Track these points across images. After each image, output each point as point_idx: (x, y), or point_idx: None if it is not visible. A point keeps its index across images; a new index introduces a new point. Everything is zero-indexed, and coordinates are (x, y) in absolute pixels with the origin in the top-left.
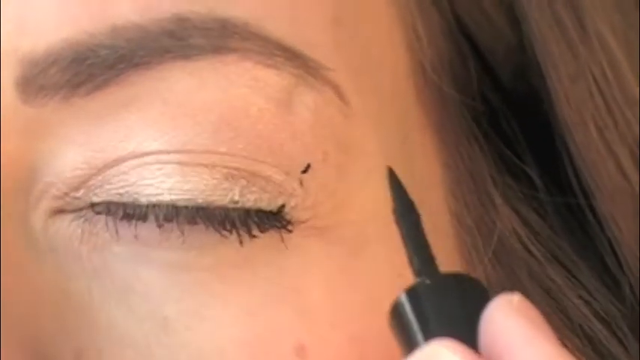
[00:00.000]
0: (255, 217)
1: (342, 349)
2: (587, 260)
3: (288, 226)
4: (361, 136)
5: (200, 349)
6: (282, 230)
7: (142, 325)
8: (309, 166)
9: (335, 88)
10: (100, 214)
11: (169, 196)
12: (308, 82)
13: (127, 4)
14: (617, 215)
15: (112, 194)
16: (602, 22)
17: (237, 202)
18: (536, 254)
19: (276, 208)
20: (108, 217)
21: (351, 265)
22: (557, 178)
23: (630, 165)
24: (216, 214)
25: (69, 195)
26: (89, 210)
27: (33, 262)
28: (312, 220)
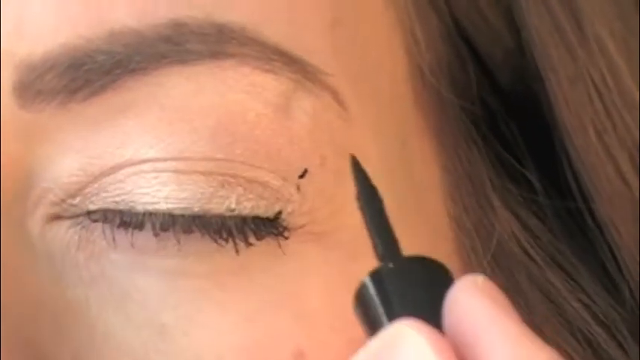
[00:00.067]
0: (252, 224)
1: (341, 353)
2: (587, 264)
3: (284, 233)
4: (360, 141)
5: (198, 356)
6: (279, 237)
7: (140, 333)
8: (306, 171)
9: (333, 93)
10: (97, 221)
11: (165, 205)
12: (306, 87)
13: (124, 9)
14: (616, 219)
15: (109, 202)
16: (601, 26)
17: (233, 210)
18: (536, 258)
19: (274, 214)
20: (105, 224)
21: (349, 270)
22: (556, 181)
23: (629, 169)
24: (213, 222)
25: (66, 201)
26: (86, 217)
27: (30, 268)
28: (309, 226)
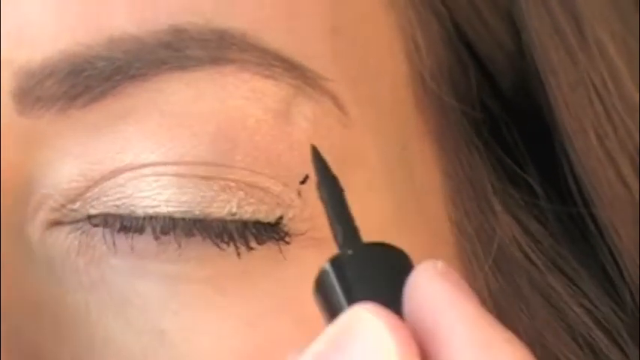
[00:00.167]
0: (253, 228)
1: None
2: (588, 268)
3: (285, 238)
4: (360, 146)
5: None
6: (280, 242)
7: (140, 338)
8: (307, 177)
9: (333, 98)
10: (97, 226)
11: (166, 208)
12: (306, 92)
13: (124, 15)
14: (617, 223)
15: (109, 206)
16: (601, 30)
17: (234, 214)
18: (537, 262)
19: (274, 219)
20: (105, 229)
21: None
22: (557, 185)
23: (630, 172)
24: (214, 226)
25: (66, 207)
26: (86, 222)
27: (30, 273)
28: (310, 232)
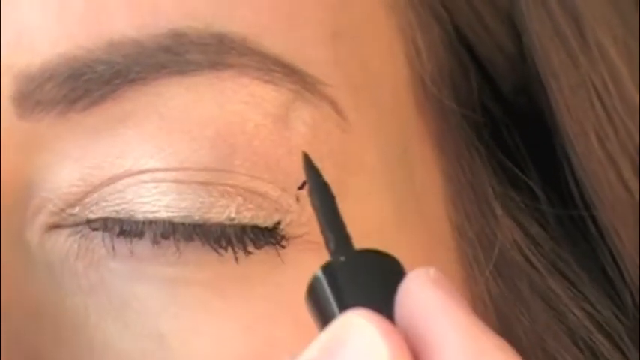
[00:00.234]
0: (251, 233)
1: None
2: (589, 271)
3: (282, 242)
4: (360, 151)
5: None
6: (277, 246)
7: (139, 342)
8: (305, 182)
9: (332, 103)
10: (97, 230)
11: (166, 214)
12: (305, 97)
13: (124, 19)
14: (618, 226)
15: (109, 211)
16: (602, 32)
17: (233, 219)
18: (538, 266)
19: (272, 224)
20: (104, 233)
21: None
22: (558, 188)
23: (631, 175)
24: (213, 230)
25: (65, 211)
26: (85, 226)
27: (30, 277)
28: (307, 235)
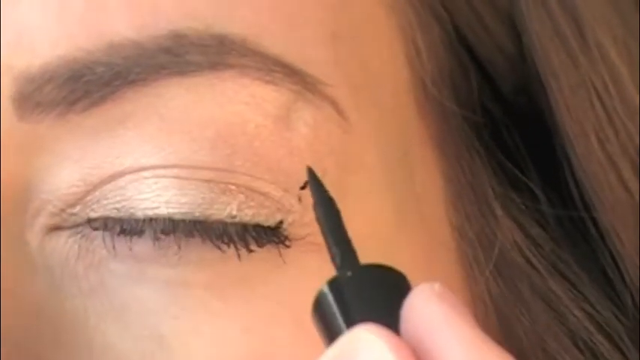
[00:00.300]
0: (253, 231)
1: None
2: (589, 272)
3: (285, 242)
4: (361, 152)
5: None
6: (280, 245)
7: (139, 343)
8: (307, 183)
9: (333, 103)
10: (97, 229)
11: (166, 210)
12: (306, 98)
13: (124, 21)
14: (618, 227)
15: (109, 209)
16: (602, 32)
17: (234, 217)
18: (538, 267)
19: (275, 223)
20: (105, 232)
21: None
22: (558, 189)
23: (631, 176)
24: (214, 227)
25: (65, 211)
26: (86, 226)
27: (30, 280)
28: (310, 236)
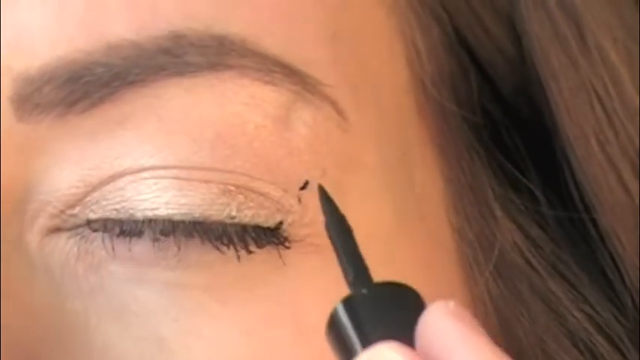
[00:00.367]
0: (253, 232)
1: None
2: (589, 273)
3: (285, 243)
4: (360, 152)
5: None
6: (279, 246)
7: (138, 345)
8: (307, 183)
9: (333, 104)
10: (97, 231)
11: (166, 211)
12: (306, 98)
13: (123, 22)
14: (618, 228)
15: (109, 210)
16: (602, 34)
17: (234, 218)
18: (538, 268)
19: (274, 224)
20: (104, 234)
21: None
22: (558, 190)
23: (631, 178)
24: (214, 228)
25: (65, 212)
26: (86, 227)
27: (29, 281)
28: (310, 237)
